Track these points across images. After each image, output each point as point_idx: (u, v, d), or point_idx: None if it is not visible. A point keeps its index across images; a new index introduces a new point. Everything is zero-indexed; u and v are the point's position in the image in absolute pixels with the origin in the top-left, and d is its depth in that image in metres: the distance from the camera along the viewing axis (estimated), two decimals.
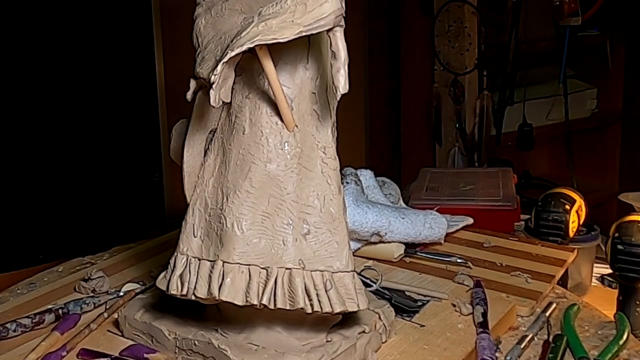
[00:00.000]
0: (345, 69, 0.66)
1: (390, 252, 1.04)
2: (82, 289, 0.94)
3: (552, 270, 1.00)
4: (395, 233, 1.04)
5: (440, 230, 1.09)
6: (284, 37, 0.65)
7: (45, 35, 1.43)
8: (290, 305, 0.68)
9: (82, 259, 1.08)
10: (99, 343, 0.79)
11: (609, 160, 2.63)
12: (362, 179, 1.16)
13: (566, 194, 1.21)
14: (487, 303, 0.85)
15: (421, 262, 1.04)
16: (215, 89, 0.67)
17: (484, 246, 1.10)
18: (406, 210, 1.11)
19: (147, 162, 1.60)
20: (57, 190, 1.48)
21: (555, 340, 0.81)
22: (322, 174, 0.72)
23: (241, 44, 0.66)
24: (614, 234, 1.04)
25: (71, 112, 1.48)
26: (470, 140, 2.15)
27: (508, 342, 0.82)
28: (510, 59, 2.20)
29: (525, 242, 1.13)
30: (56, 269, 1.04)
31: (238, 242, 0.69)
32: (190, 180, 0.76)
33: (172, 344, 0.76)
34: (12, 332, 0.81)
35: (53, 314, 0.85)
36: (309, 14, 0.65)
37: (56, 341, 0.79)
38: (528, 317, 0.88)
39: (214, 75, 0.66)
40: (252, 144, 0.72)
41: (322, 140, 0.72)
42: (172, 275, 0.73)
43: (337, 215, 0.71)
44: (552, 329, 0.85)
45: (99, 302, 0.89)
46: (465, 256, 1.03)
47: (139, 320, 0.79)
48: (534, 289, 0.94)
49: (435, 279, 0.97)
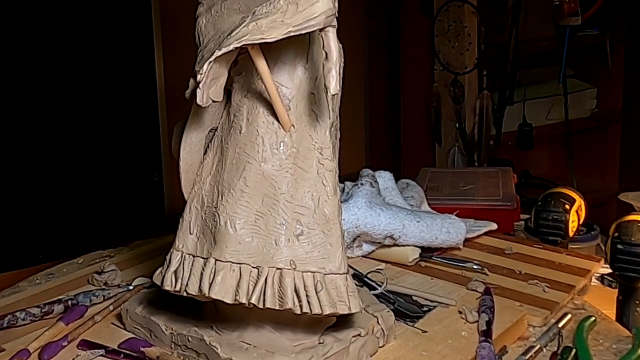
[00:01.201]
0: (337, 69, 0.65)
1: (405, 256, 1.02)
2: (94, 281, 0.96)
3: (573, 280, 0.98)
4: (409, 236, 1.02)
5: (459, 235, 1.06)
6: (271, 37, 0.65)
7: (45, 36, 1.43)
8: (280, 305, 0.68)
9: (102, 252, 1.09)
10: (100, 335, 0.81)
11: (608, 160, 2.63)
12: (380, 181, 1.14)
13: (566, 194, 1.21)
14: (493, 311, 0.83)
15: (437, 267, 1.01)
16: (201, 88, 0.67)
17: (505, 253, 1.07)
18: (423, 213, 1.08)
19: (147, 162, 1.60)
20: (57, 190, 1.48)
21: (562, 352, 0.78)
22: (317, 175, 0.71)
23: (228, 44, 0.66)
24: (614, 233, 1.03)
25: (71, 113, 1.48)
26: (470, 140, 2.15)
27: (515, 352, 0.79)
28: (510, 58, 2.20)
29: (550, 250, 1.09)
30: (76, 261, 1.05)
31: (230, 241, 0.70)
32: (187, 177, 0.77)
33: (169, 338, 0.76)
34: (22, 321, 0.83)
35: (62, 304, 0.87)
36: (299, 14, 0.65)
37: (60, 331, 0.81)
38: (540, 328, 0.85)
39: (199, 74, 0.66)
40: (248, 143, 0.72)
41: (319, 141, 0.72)
42: (167, 271, 0.74)
43: (331, 217, 0.71)
44: (563, 340, 0.82)
45: (109, 294, 0.91)
46: (484, 262, 1.01)
47: (138, 314, 0.80)
48: (550, 298, 0.91)
49: (446, 285, 0.94)
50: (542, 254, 1.08)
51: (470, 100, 2.14)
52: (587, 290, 1.24)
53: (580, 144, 2.49)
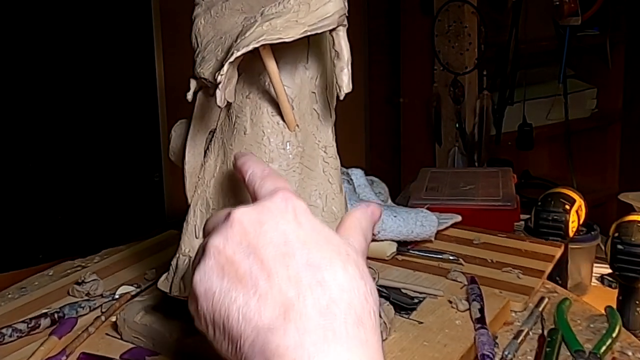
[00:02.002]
0: (349, 68, 0.66)
1: (383, 251, 1.05)
2: (76, 292, 0.93)
3: (542, 266, 1.02)
4: (388, 231, 1.05)
5: (431, 228, 1.09)
6: (289, 36, 0.65)
7: (45, 36, 1.43)
8: None
9: (72, 262, 1.06)
10: (98, 347, 0.79)
11: (608, 160, 2.63)
12: (354, 178, 1.16)
13: (566, 194, 1.21)
14: (483, 299, 0.86)
15: (413, 259, 1.04)
16: (221, 89, 0.67)
17: (473, 243, 1.11)
18: (397, 208, 1.11)
19: (147, 162, 1.60)
20: (57, 190, 1.48)
21: (550, 334, 0.82)
22: (323, 174, 0.72)
23: (247, 44, 0.65)
24: (614, 233, 1.04)
25: (71, 113, 1.48)
26: (470, 140, 2.16)
27: (504, 337, 0.83)
28: (510, 58, 2.20)
29: (514, 238, 1.14)
30: (46, 273, 1.02)
31: None
32: (191, 181, 0.76)
33: (174, 346, 0.75)
34: (8, 338, 0.79)
35: (49, 318, 0.84)
36: (312, 13, 0.65)
37: (54, 345, 0.78)
38: (521, 312, 0.90)
39: (220, 75, 0.66)
40: (254, 144, 0.71)
41: (323, 139, 0.72)
42: (175, 277, 0.73)
43: (339, 215, 0.72)
44: (545, 323, 0.87)
45: (95, 305, 0.88)
46: (456, 253, 1.05)
47: (138, 322, 0.78)
48: (525, 284, 0.96)
49: (429, 277, 0.97)
50: (508, 242, 1.11)
51: (470, 100, 2.15)
52: (587, 290, 1.25)
53: (580, 144, 2.49)
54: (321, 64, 0.73)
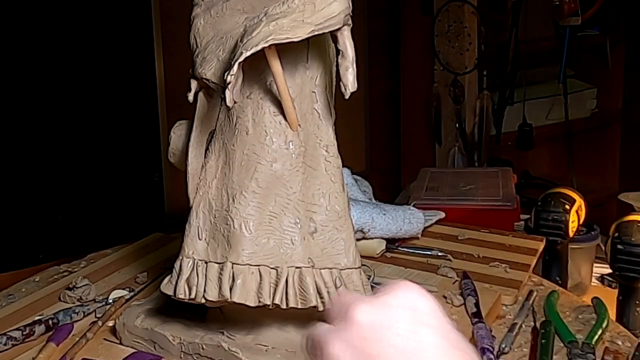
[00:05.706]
0: (354, 67, 0.66)
1: (373, 248, 1.06)
2: (67, 297, 0.91)
3: (527, 260, 1.03)
4: (377, 229, 1.06)
5: (419, 225, 1.11)
6: (297, 36, 0.65)
7: (45, 36, 1.43)
8: (302, 304, 0.68)
9: (58, 268, 1.04)
10: (97, 352, 0.78)
11: (608, 160, 2.62)
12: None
13: (566, 194, 1.21)
14: (477, 294, 0.87)
15: (402, 256, 1.06)
16: (230, 89, 0.67)
17: (458, 239, 1.12)
18: (385, 206, 1.13)
19: (147, 162, 1.60)
20: (57, 190, 1.48)
21: (543, 326, 0.83)
22: (326, 172, 0.72)
23: (255, 44, 0.65)
24: (614, 233, 1.04)
25: (71, 113, 1.48)
26: (470, 140, 2.15)
27: (498, 331, 0.84)
28: (510, 58, 2.20)
29: (496, 233, 1.15)
30: (32, 279, 1.01)
31: (246, 243, 0.69)
32: (194, 182, 0.76)
33: (177, 349, 0.75)
34: (3, 346, 0.78)
35: (43, 324, 0.82)
36: (318, 12, 0.65)
37: (52, 352, 0.77)
38: (512, 306, 0.91)
39: (230, 75, 0.66)
40: (257, 144, 0.71)
41: (324, 138, 0.72)
42: (179, 280, 0.72)
43: (342, 213, 0.72)
44: (536, 315, 0.88)
45: (89, 310, 0.87)
46: (443, 249, 1.06)
47: (139, 326, 0.78)
48: (514, 278, 0.97)
49: (420, 273, 0.99)
50: (491, 237, 1.13)
51: (470, 100, 2.14)
52: (587, 290, 1.25)
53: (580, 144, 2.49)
54: (321, 64, 0.73)
